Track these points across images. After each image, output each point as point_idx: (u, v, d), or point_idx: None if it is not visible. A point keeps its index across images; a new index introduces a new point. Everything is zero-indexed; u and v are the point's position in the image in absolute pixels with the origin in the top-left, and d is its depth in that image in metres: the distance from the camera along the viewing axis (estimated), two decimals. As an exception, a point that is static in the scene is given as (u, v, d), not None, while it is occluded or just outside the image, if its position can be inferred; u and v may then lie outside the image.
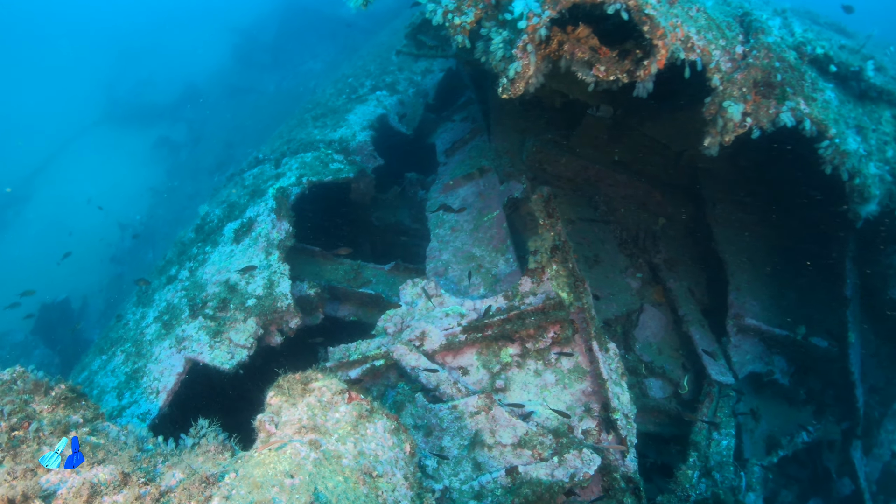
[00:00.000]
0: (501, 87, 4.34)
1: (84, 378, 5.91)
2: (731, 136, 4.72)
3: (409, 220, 9.20)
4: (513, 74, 4.04)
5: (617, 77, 4.34)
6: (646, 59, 4.23)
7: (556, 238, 5.87)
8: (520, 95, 7.10)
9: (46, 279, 13.57)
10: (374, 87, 9.84)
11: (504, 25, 4.14)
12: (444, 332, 5.68)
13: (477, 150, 8.58)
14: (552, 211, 5.95)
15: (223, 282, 5.84)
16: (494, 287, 6.60)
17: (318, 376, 3.63)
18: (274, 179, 7.42)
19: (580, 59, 4.26)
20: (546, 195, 6.05)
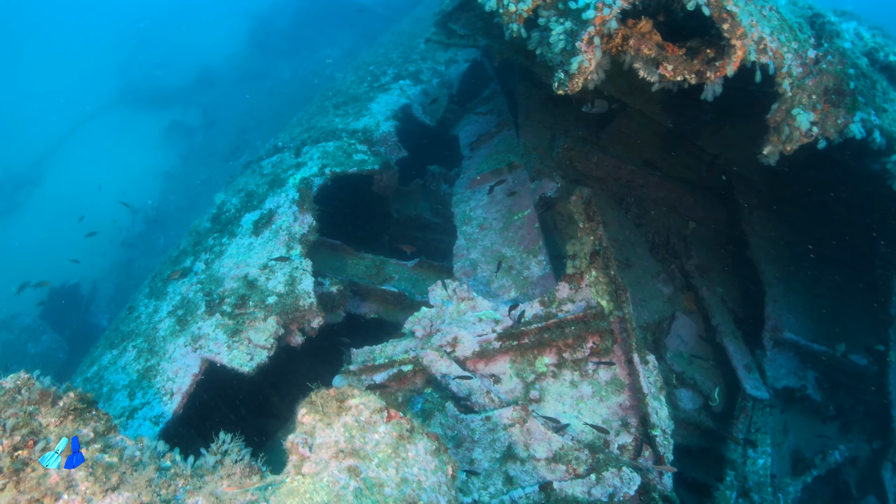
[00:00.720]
0: (558, 82, 3.90)
1: (94, 373, 5.53)
2: (795, 146, 4.30)
3: (429, 215, 8.78)
4: (575, 69, 3.60)
5: (684, 78, 3.90)
6: (718, 59, 3.79)
7: (596, 243, 5.46)
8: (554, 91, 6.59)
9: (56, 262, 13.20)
10: (396, 75, 9.38)
11: (566, 15, 3.70)
12: (477, 339, 5.30)
13: (504, 144, 8.15)
14: (593, 214, 5.53)
15: (242, 277, 5.43)
16: (526, 290, 6.22)
17: (355, 393, 3.23)
18: (294, 169, 6.99)
19: (646, 57, 3.81)
20: (586, 197, 5.62)
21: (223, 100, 16.62)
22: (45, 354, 10.29)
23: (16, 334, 10.56)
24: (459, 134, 9.29)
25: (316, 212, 5.81)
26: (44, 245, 14.87)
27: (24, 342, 10.44)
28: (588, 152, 7.82)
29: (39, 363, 10.14)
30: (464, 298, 5.64)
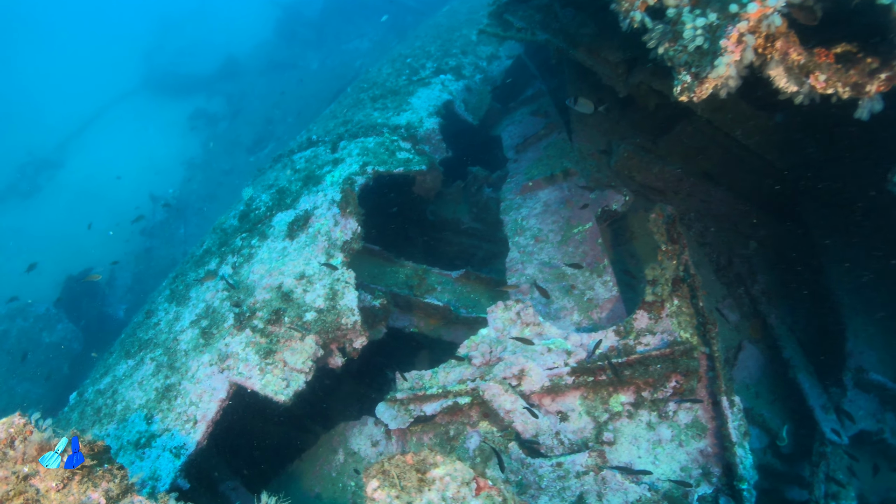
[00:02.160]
0: (681, 87, 3.09)
1: (107, 385, 4.80)
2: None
3: (468, 219, 7.99)
4: (714, 72, 2.79)
5: (835, 91, 3.06)
6: (883, 70, 2.95)
7: (680, 268, 4.66)
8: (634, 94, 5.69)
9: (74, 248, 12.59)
10: (437, 69, 8.58)
11: (705, 5, 2.87)
12: (546, 372, 4.52)
13: (555, 148, 7.32)
14: (677, 235, 4.74)
15: (275, 287, 4.68)
16: (591, 314, 5.44)
17: (438, 460, 2.48)
18: (331, 165, 6.21)
19: (792, 63, 2.98)
20: (669, 215, 4.82)
21: (248, 89, 15.86)
22: (59, 344, 9.66)
23: (31, 322, 9.93)
24: (502, 134, 8.48)
25: (361, 216, 5.03)
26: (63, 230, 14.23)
27: (38, 331, 9.81)
28: (649, 162, 6.98)
29: (53, 353, 9.48)
30: (529, 323, 4.87)
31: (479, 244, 8.17)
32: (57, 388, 9.34)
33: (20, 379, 9.29)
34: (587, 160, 6.99)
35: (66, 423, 4.78)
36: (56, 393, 9.30)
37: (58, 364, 9.45)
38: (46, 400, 9.20)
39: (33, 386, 9.26)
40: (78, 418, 4.71)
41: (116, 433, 4.22)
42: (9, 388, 9.20)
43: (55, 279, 11.73)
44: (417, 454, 2.44)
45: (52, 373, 9.35)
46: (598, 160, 7.09)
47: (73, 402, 5.11)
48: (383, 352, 5.72)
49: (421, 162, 6.09)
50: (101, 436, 4.30)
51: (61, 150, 17.68)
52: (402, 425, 4.67)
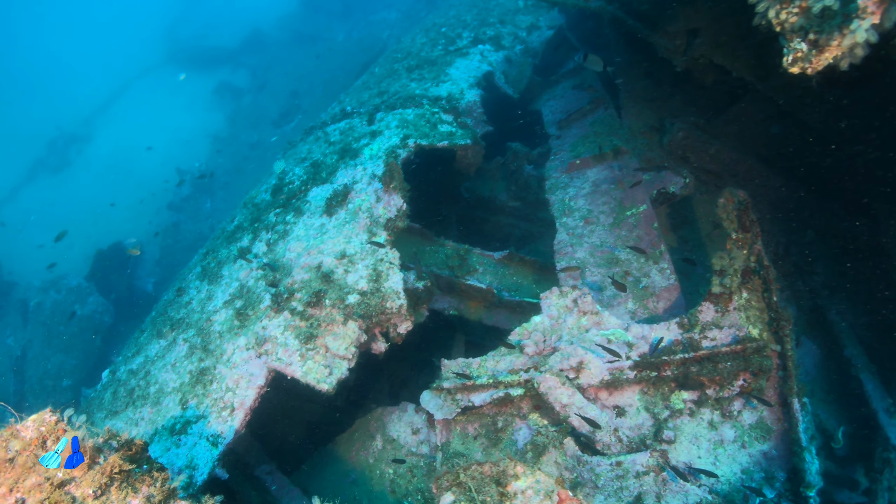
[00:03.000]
0: (793, 57, 2.59)
1: (139, 365, 4.55)
2: None
3: (505, 197, 7.53)
4: (860, 36, 2.29)
5: None
6: None
7: (751, 259, 4.21)
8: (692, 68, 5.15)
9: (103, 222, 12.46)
10: (475, 39, 8.03)
11: None
12: (606, 366, 4.14)
13: (602, 125, 6.80)
14: (749, 223, 4.26)
15: (314, 267, 4.33)
16: (647, 302, 5.01)
17: (518, 471, 2.15)
18: (369, 138, 5.80)
19: None
20: (741, 201, 4.34)
21: (273, 62, 15.38)
22: (91, 317, 9.57)
23: (63, 295, 9.85)
24: (542, 109, 7.95)
25: (406, 192, 4.62)
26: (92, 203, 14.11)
27: (71, 303, 9.73)
28: (705, 143, 6.42)
29: (86, 325, 9.37)
30: (586, 312, 4.47)
31: (517, 223, 7.74)
32: (90, 359, 9.28)
33: (55, 350, 9.24)
34: (638, 138, 6.48)
35: (100, 403, 4.55)
36: (89, 364, 9.25)
37: (90, 336, 9.38)
38: (79, 371, 9.15)
39: (67, 357, 9.21)
40: (111, 398, 4.47)
41: (151, 417, 3.97)
42: (45, 358, 9.16)
43: (85, 252, 11.63)
44: (496, 464, 2.10)
45: (85, 344, 9.28)
46: (649, 138, 6.57)
47: (106, 380, 4.89)
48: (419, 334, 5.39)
49: (465, 136, 5.64)
50: (136, 419, 4.05)
51: (89, 125, 17.48)
52: (449, 415, 4.35)
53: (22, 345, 9.43)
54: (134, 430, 3.96)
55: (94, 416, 4.45)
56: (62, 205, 14.61)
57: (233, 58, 16.93)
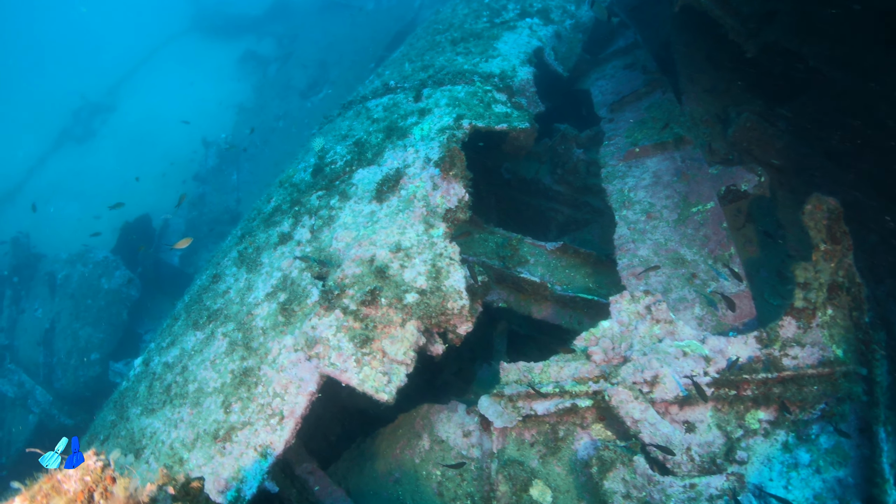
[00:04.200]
0: None
1: (175, 358, 4.12)
2: None
3: (550, 181, 6.93)
4: None
5: None
6: None
7: (839, 273, 3.69)
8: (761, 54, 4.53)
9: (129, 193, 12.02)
10: (522, 12, 7.31)
11: None
12: (683, 381, 3.67)
13: (659, 110, 6.16)
14: (840, 234, 3.74)
15: (367, 260, 3.83)
16: (715, 309, 4.50)
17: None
18: (417, 116, 5.22)
19: None
20: (833, 209, 3.79)
21: (300, 30, 14.61)
22: (118, 291, 9.25)
23: (90, 268, 9.51)
24: (591, 89, 7.28)
25: (470, 181, 4.07)
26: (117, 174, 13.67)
27: (97, 277, 9.40)
28: (773, 136, 5.77)
29: (113, 299, 9.04)
30: (660, 320, 3.96)
31: (560, 208, 7.16)
32: (117, 333, 8.99)
33: (82, 323, 8.95)
34: (700, 127, 5.84)
35: (133, 397, 4.16)
36: (116, 337, 8.96)
37: (117, 310, 9.06)
38: (107, 344, 8.87)
39: (95, 331, 8.92)
40: (146, 393, 4.07)
41: (191, 420, 3.55)
42: (73, 331, 8.89)
43: (111, 224, 11.26)
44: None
45: (112, 318, 8.98)
46: (711, 127, 5.93)
47: (140, 371, 4.49)
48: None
49: (522, 118, 5.04)
50: (174, 419, 3.64)
51: (113, 94, 16.88)
52: (509, 423, 3.92)
53: (50, 317, 9.14)
54: (173, 432, 3.56)
55: (128, 411, 4.06)
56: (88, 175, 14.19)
57: (258, 26, 16.13)
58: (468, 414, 4.39)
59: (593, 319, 5.44)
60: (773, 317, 4.92)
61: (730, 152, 5.71)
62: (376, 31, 12.52)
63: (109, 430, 4.08)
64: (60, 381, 8.56)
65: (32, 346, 9.13)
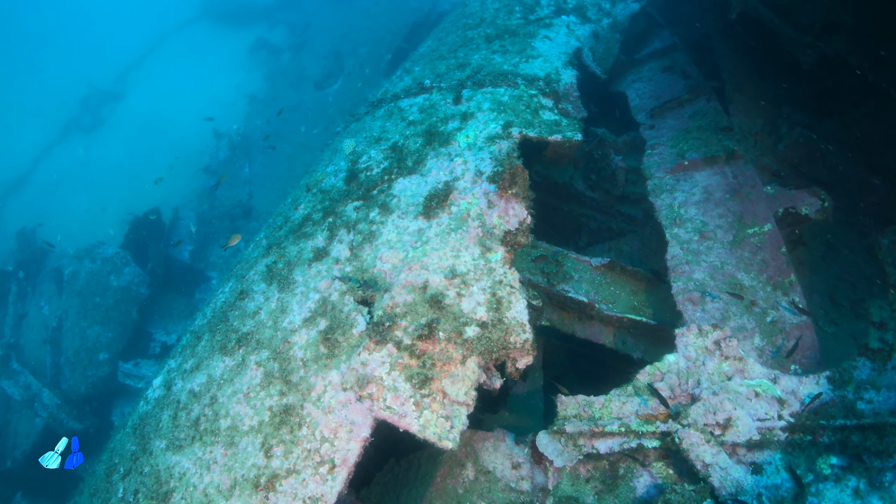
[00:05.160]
0: None
1: (202, 386, 3.71)
2: None
3: (584, 186, 6.51)
4: None
5: None
6: None
7: None
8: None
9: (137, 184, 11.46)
10: (557, 9, 6.82)
11: None
12: (756, 424, 3.31)
13: (704, 119, 5.76)
14: None
15: (419, 287, 3.42)
16: (775, 339, 4.15)
17: None
18: (459, 121, 4.77)
19: None
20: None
21: (312, 19, 13.95)
22: (127, 289, 8.78)
23: (98, 264, 9.03)
24: (627, 91, 6.84)
25: (531, 201, 3.64)
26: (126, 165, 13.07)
27: (106, 273, 8.92)
28: (825, 153, 5.39)
29: (123, 297, 8.57)
30: (729, 357, 3.58)
31: (592, 215, 6.74)
32: (126, 332, 8.54)
33: (90, 322, 8.50)
34: (748, 139, 5.43)
35: (156, 426, 3.74)
36: (125, 337, 8.51)
37: (126, 308, 8.60)
38: (116, 344, 8.43)
39: (104, 329, 8.48)
40: (170, 423, 3.65)
41: (226, 462, 3.14)
42: (81, 330, 8.43)
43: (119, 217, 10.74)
44: None
45: (122, 317, 8.52)
46: (761, 141, 5.53)
47: (161, 394, 4.06)
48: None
49: (573, 127, 4.59)
50: (206, 460, 3.23)
51: (122, 82, 16.12)
52: (570, 462, 3.56)
53: (58, 315, 8.67)
54: (206, 475, 3.15)
55: (151, 443, 3.64)
56: (95, 165, 13.57)
57: (270, 13, 15.42)
58: (517, 444, 4.03)
59: (637, 339, 5.08)
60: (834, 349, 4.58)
61: (781, 168, 5.32)
62: (392, 21, 11.93)
63: (130, 462, 3.67)
64: (68, 382, 8.14)
65: (39, 345, 8.68)
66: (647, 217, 6.14)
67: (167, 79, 15.28)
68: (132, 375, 8.19)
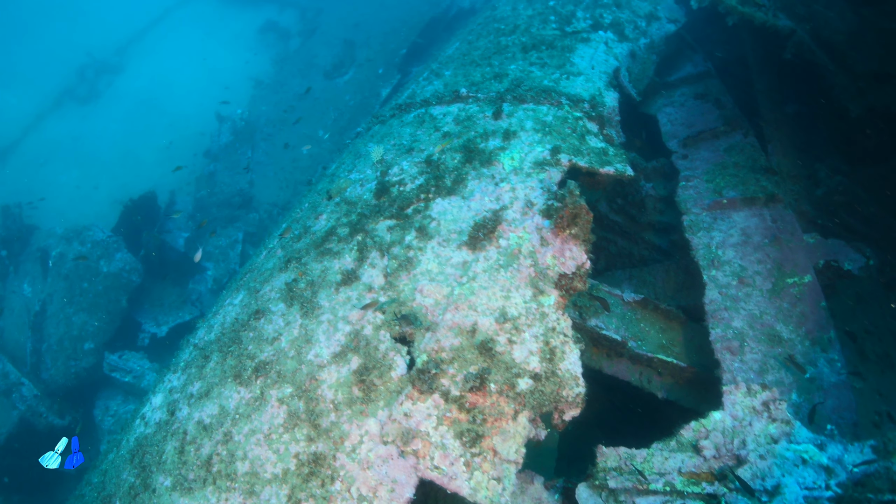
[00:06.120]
0: None
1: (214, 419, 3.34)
2: None
3: (605, 208, 6.25)
4: None
5: None
6: None
7: None
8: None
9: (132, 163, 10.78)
10: (595, 23, 6.48)
11: None
12: (803, 492, 3.09)
13: (741, 155, 5.59)
14: None
15: (467, 330, 3.09)
16: (812, 398, 3.97)
17: None
18: (501, 139, 4.42)
19: None
20: None
21: (325, 4, 13.31)
22: (118, 275, 8.22)
23: (88, 248, 8.43)
24: (658, 115, 6.58)
25: (590, 244, 3.32)
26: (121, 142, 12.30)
27: (96, 258, 8.34)
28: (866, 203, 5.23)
29: (112, 284, 8.03)
30: (777, 419, 3.36)
31: (614, 238, 6.49)
32: (114, 321, 8.00)
33: (77, 308, 7.94)
34: (787, 182, 5.24)
35: (158, 458, 3.35)
36: (113, 326, 7.97)
37: (116, 296, 8.06)
38: (103, 333, 7.90)
39: (90, 318, 7.93)
40: (177, 459, 3.26)
41: (244, 514, 2.77)
42: (66, 316, 7.87)
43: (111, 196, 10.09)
44: None
45: (110, 305, 7.98)
46: (799, 184, 5.33)
47: (163, 418, 3.66)
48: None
49: (620, 159, 4.27)
50: (220, 509, 2.85)
51: (122, 54, 15.15)
52: (610, 523, 3.29)
53: (41, 299, 8.07)
54: (220, 528, 2.78)
55: (153, 477, 3.25)
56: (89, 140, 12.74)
57: (280, -7, 14.67)
58: (546, 489, 3.76)
59: (663, 378, 4.85)
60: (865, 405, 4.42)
61: (817, 215, 5.13)
62: (408, 14, 11.43)
63: (129, 498, 3.27)
64: (49, 371, 7.60)
65: (20, 329, 8.09)
66: (673, 248, 5.91)
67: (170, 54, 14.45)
68: (118, 368, 7.68)
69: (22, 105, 13.32)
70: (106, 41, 14.90)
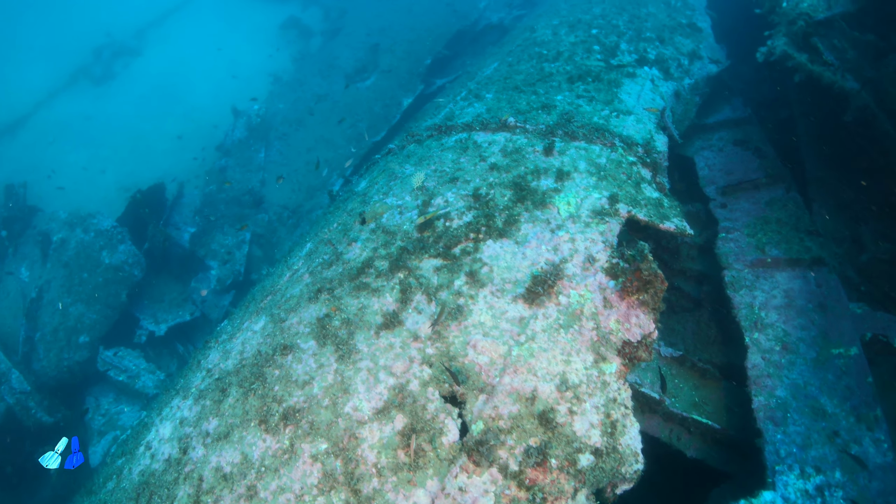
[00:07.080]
0: None
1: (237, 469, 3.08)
2: None
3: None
4: None
5: None
6: None
7: None
8: None
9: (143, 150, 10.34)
10: (640, 58, 6.27)
11: None
12: None
13: (783, 210, 5.42)
14: None
15: (526, 396, 2.83)
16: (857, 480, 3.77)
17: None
18: (554, 179, 4.18)
19: None
20: None
21: (350, 5, 12.97)
22: (119, 268, 7.81)
23: (91, 237, 8.01)
24: (695, 158, 6.39)
25: (658, 314, 3.08)
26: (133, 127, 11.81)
27: (99, 248, 7.91)
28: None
29: (113, 277, 7.62)
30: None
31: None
32: (112, 316, 7.59)
33: (74, 299, 7.52)
34: (832, 246, 5.06)
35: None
36: (111, 321, 7.57)
37: (116, 290, 7.66)
38: (100, 327, 7.49)
39: (87, 310, 7.52)
40: (194, 507, 2.93)
41: None
42: (63, 306, 7.42)
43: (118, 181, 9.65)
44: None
45: (109, 298, 7.57)
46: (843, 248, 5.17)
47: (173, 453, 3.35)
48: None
49: (676, 213, 4.04)
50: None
51: (140, 37, 14.60)
52: None
53: (38, 285, 7.63)
54: None
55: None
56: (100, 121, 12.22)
57: (304, -10, 14.28)
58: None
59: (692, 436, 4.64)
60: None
61: (861, 282, 4.96)
62: (435, 23, 11.15)
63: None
64: (41, 362, 7.17)
65: (13, 315, 7.65)
66: (706, 299, 5.71)
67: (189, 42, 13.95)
68: (113, 366, 7.28)
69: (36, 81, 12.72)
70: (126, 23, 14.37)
